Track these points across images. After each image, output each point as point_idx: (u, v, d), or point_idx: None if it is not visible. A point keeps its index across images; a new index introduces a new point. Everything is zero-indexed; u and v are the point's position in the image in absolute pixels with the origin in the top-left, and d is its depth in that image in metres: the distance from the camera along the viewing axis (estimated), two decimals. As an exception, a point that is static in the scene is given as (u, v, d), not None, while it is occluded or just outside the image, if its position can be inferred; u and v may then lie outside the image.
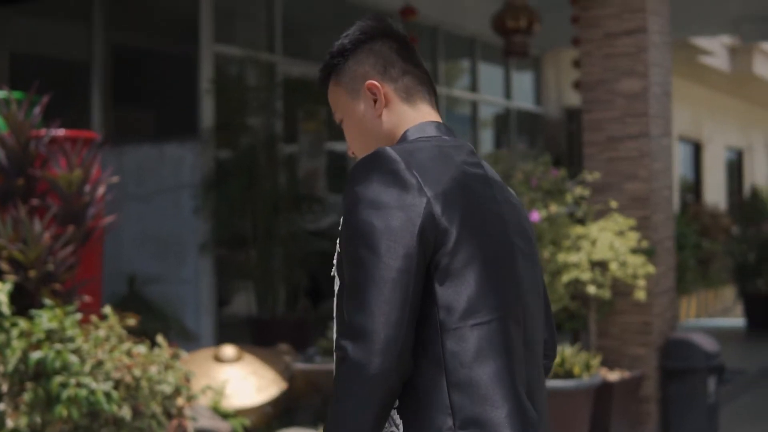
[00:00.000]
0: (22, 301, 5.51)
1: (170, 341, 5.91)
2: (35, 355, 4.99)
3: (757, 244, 14.27)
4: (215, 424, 6.13)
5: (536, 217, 7.15)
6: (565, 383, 6.86)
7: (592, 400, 7.10)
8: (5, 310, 5.16)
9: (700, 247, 15.03)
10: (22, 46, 10.02)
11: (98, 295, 6.26)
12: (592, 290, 7.22)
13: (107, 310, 5.56)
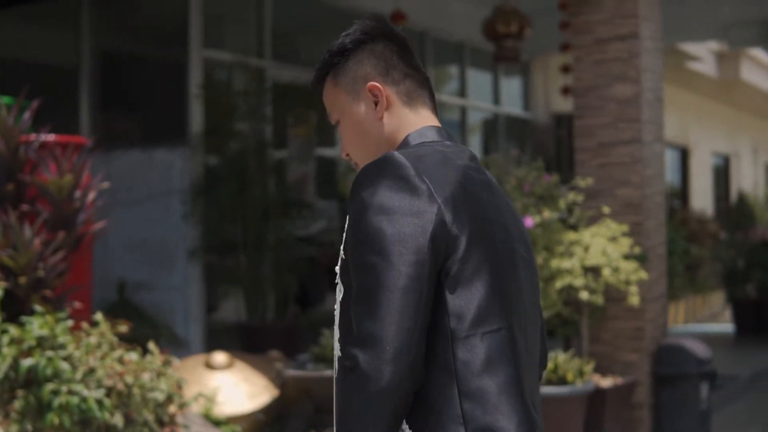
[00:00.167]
0: (12, 307, 5.46)
1: (160, 348, 5.86)
2: (26, 362, 4.94)
3: (745, 249, 14.28)
4: (207, 431, 6.08)
5: (530, 222, 7.12)
6: (558, 389, 6.83)
7: (585, 406, 7.08)
8: (-5, 316, 5.12)
9: (688, 252, 15.03)
10: (9, 51, 9.96)
11: (88, 301, 6.22)
12: (584, 296, 7.20)
13: (98, 316, 5.52)
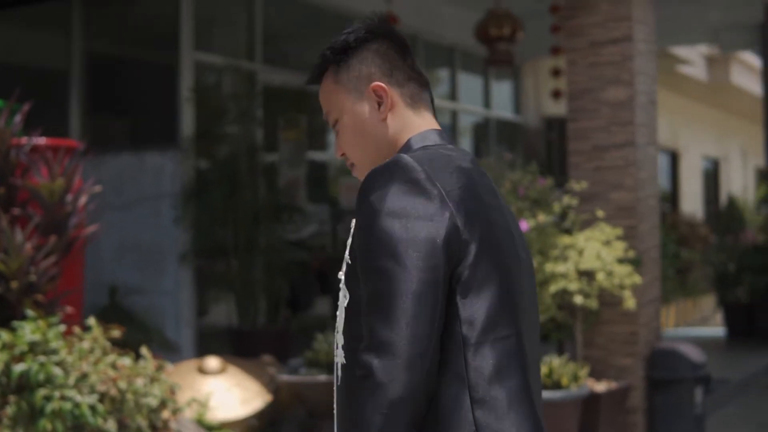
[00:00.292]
0: (3, 312, 5.42)
1: (153, 353, 5.82)
2: (18, 367, 4.90)
3: (737, 253, 14.27)
4: (200, 437, 6.03)
5: (525, 226, 7.09)
6: (553, 394, 6.80)
7: (579, 411, 7.05)
8: (-13, 322, 5.08)
9: (678, 256, 15.03)
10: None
11: (80, 306, 6.17)
12: (579, 300, 7.17)
13: (91, 321, 5.47)
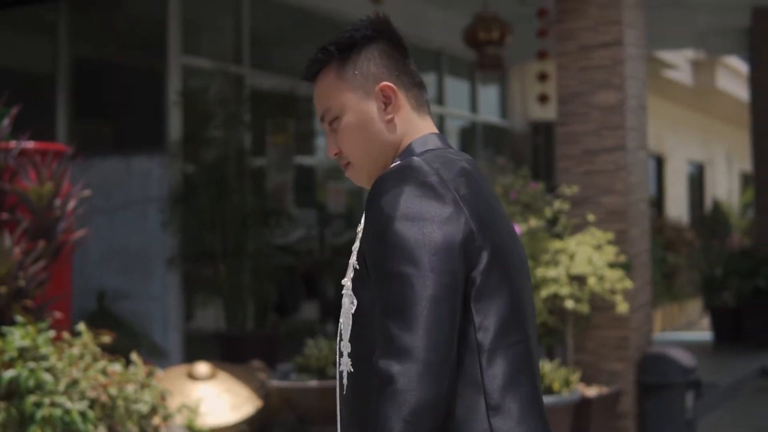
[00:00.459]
0: (-8, 318, 5.36)
1: (142, 358, 5.78)
2: (8, 373, 4.85)
3: (723, 258, 14.28)
4: (191, 443, 5.99)
5: (517, 231, 7.07)
6: (545, 399, 6.76)
7: (571, 416, 7.02)
8: (-24, 327, 5.02)
9: (664, 260, 15.04)
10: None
11: (68, 311, 6.12)
12: (570, 305, 7.14)
13: (81, 327, 5.42)
